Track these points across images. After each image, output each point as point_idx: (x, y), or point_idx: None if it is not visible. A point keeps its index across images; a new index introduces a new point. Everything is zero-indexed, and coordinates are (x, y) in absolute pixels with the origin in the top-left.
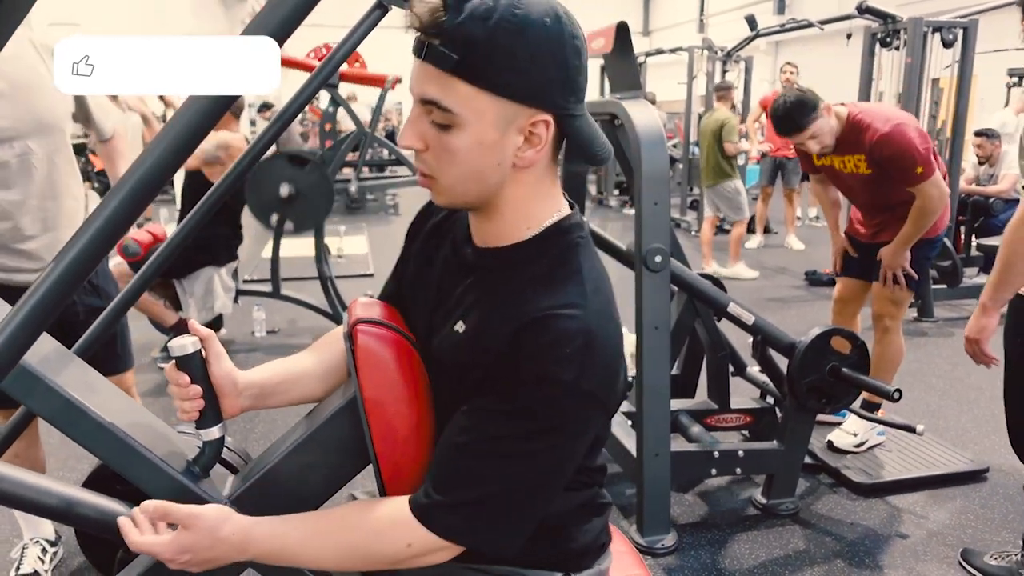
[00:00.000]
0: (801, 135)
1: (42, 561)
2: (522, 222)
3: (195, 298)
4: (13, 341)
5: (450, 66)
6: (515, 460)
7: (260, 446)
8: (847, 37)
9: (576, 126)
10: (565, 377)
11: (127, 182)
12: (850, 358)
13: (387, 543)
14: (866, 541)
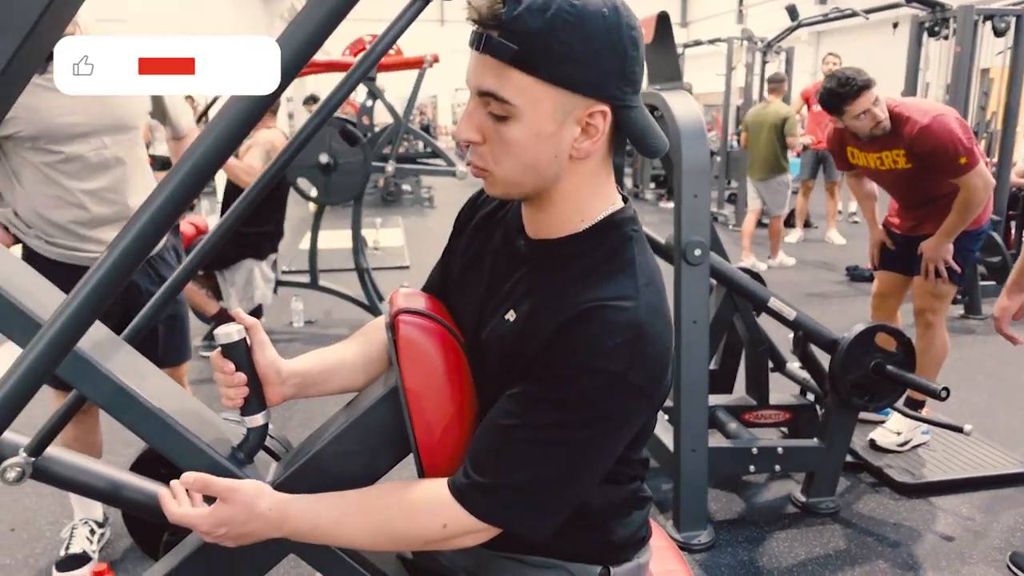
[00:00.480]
0: (856, 104)
1: (90, 541)
2: (575, 214)
3: (236, 288)
4: (68, 328)
5: (508, 56)
6: (557, 448)
7: (298, 434)
8: (893, 26)
9: (632, 118)
10: (612, 368)
11: (177, 175)
12: (895, 355)
13: (422, 523)
14: (910, 542)
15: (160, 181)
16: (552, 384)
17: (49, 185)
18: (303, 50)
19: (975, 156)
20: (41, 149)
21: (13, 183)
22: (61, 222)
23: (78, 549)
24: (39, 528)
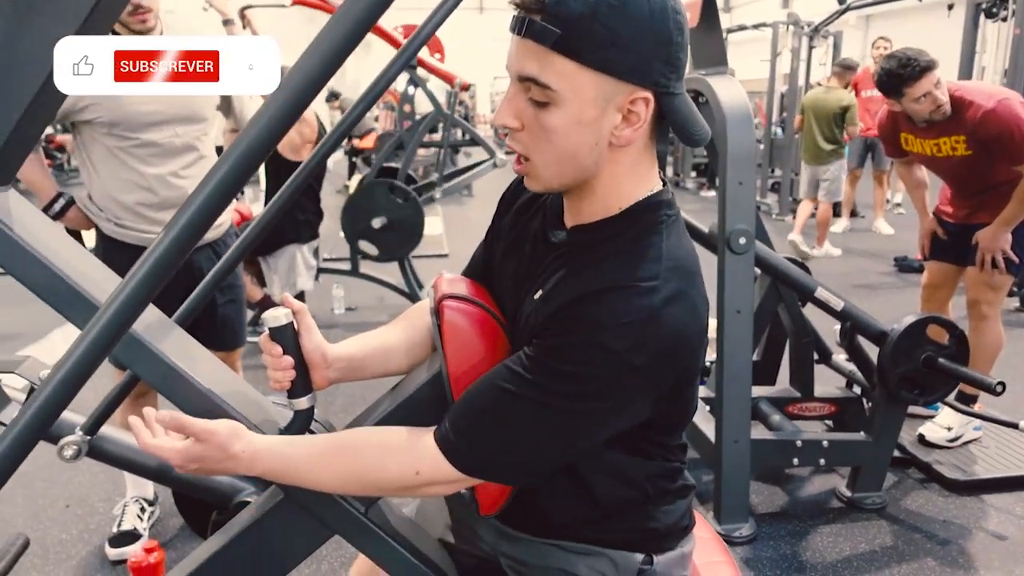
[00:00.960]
0: (917, 86)
1: (140, 519)
2: (614, 202)
3: (279, 275)
4: (124, 311)
5: (551, 41)
6: (548, 416)
7: (341, 418)
8: (948, 8)
9: (675, 105)
10: (615, 347)
11: (227, 161)
12: (948, 348)
13: (395, 469)
14: (960, 540)
15: (211, 168)
16: (554, 354)
17: (122, 168)
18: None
19: None
20: (117, 135)
21: (89, 168)
22: (131, 204)
23: (129, 526)
24: (92, 505)
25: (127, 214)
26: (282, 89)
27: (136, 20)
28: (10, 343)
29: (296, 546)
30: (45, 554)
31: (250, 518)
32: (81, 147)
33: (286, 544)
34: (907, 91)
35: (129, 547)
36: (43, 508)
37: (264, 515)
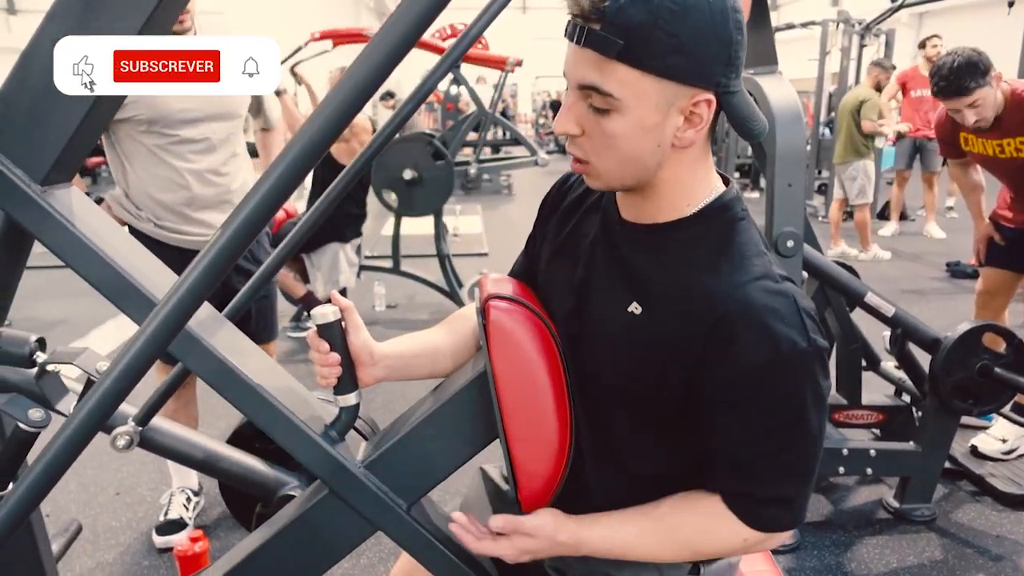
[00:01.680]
0: (962, 100)
1: (186, 509)
2: (681, 200)
3: (322, 271)
4: (180, 307)
5: (614, 52)
6: (797, 442)
7: (380, 415)
8: (1009, 5)
9: (735, 102)
10: (801, 345)
11: (283, 161)
12: (1004, 357)
13: (723, 539)
14: (1014, 556)
15: (267, 167)
16: (755, 392)
17: (159, 166)
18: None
19: None
20: (156, 132)
21: (125, 167)
22: (170, 202)
23: (175, 515)
24: (141, 493)
25: (167, 213)
26: (337, 92)
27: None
28: (67, 334)
29: (339, 542)
30: (96, 539)
31: (294, 512)
32: (116, 146)
33: (329, 539)
34: (952, 102)
35: (175, 535)
36: (94, 495)
37: (308, 510)
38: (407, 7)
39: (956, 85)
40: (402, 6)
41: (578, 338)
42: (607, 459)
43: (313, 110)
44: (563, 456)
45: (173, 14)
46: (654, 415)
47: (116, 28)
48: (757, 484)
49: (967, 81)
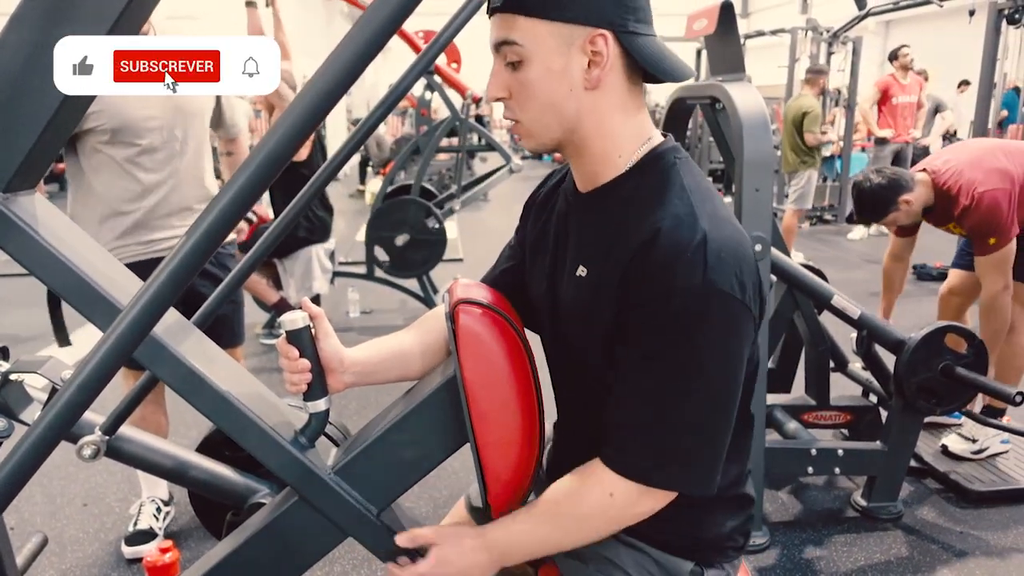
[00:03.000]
0: (882, 221)
1: (156, 519)
2: (611, 151)
3: (295, 278)
4: (146, 312)
5: (502, 1)
6: (676, 385)
7: (354, 421)
8: (969, 14)
9: (639, 43)
10: (693, 281)
11: (251, 164)
12: (966, 357)
13: (589, 502)
14: (977, 552)
15: (234, 173)
16: (648, 327)
17: (124, 178)
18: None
19: (1008, 236)
20: (120, 142)
21: (85, 186)
22: (134, 214)
23: (145, 525)
24: (109, 504)
25: (131, 227)
26: (304, 95)
27: None
28: (32, 343)
29: (309, 548)
30: (62, 551)
31: (264, 519)
32: (77, 163)
33: (299, 546)
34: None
35: (145, 546)
36: (60, 507)
37: (278, 517)
38: (374, 13)
39: (871, 215)
40: (370, 11)
41: (554, 316)
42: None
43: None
44: (532, 459)
45: (143, 15)
46: None
47: (82, 31)
48: (625, 423)
49: (879, 211)
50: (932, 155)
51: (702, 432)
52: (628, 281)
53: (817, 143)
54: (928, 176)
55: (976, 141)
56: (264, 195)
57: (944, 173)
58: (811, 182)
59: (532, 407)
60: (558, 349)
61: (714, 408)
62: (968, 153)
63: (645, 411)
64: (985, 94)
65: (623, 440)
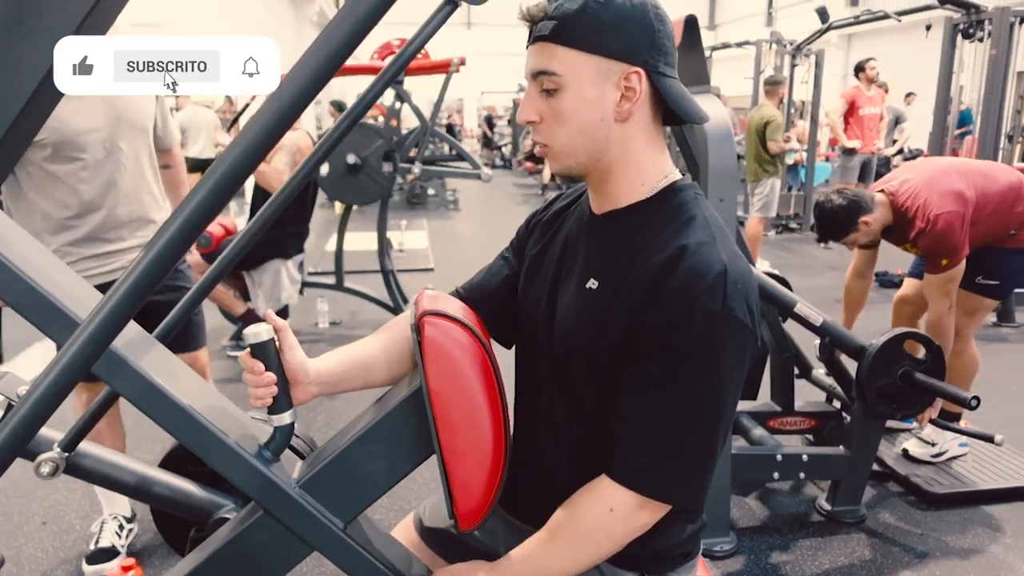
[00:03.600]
0: (843, 241)
1: (119, 536)
2: (635, 179)
3: (263, 289)
4: (105, 325)
5: (549, 31)
6: (685, 403)
7: (323, 433)
8: (926, 29)
9: (667, 84)
10: (713, 307)
11: (211, 177)
12: (924, 362)
13: (591, 517)
14: (938, 554)
15: (195, 185)
16: (662, 346)
17: (68, 194)
18: (335, 55)
19: (958, 257)
20: (62, 157)
21: (28, 201)
22: (82, 228)
23: (107, 543)
24: (69, 522)
25: (82, 242)
26: (268, 106)
27: None
28: None
29: (274, 563)
30: (20, 572)
31: (228, 535)
32: (15, 181)
33: (264, 561)
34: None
35: (106, 564)
36: (19, 525)
37: (242, 532)
38: (335, 29)
39: (831, 235)
40: (329, 29)
41: (550, 326)
42: (585, 441)
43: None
44: (498, 471)
45: (108, 19)
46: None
47: (46, 34)
48: (636, 437)
49: (840, 232)
50: (890, 175)
51: (703, 450)
52: (650, 298)
53: (780, 151)
54: (886, 197)
55: (933, 161)
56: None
57: (902, 194)
58: (774, 190)
59: (499, 418)
60: (543, 362)
61: (716, 429)
62: (925, 173)
63: (659, 428)
64: (942, 106)
65: (634, 453)
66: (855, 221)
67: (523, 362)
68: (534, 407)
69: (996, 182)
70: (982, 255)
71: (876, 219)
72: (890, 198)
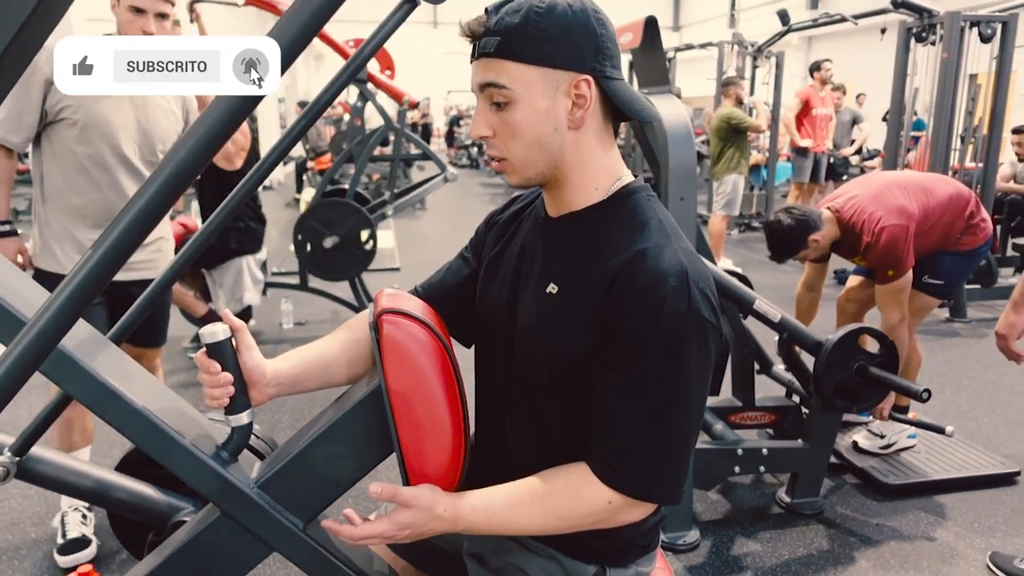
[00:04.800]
0: (796, 257)
1: (85, 525)
2: (589, 183)
3: (224, 289)
4: (51, 326)
5: (493, 47)
6: (659, 404)
7: (286, 434)
8: (881, 32)
9: (615, 87)
10: (679, 308)
11: (160, 174)
12: (878, 357)
13: (589, 502)
14: (892, 542)
15: (145, 182)
16: (640, 350)
17: (84, 179)
18: (294, 45)
19: (904, 268)
20: (87, 140)
21: (48, 183)
22: (91, 213)
23: (76, 534)
24: (24, 529)
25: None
26: (217, 104)
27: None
28: None
29: (233, 564)
30: None
31: (186, 537)
32: (43, 161)
33: (223, 563)
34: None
35: (81, 553)
36: None
37: (199, 534)
38: (290, 17)
39: (783, 254)
40: (286, 15)
41: (510, 332)
42: (542, 447)
43: None
44: (458, 467)
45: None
46: (579, 392)
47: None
48: (619, 442)
49: (790, 251)
50: (835, 192)
51: (678, 449)
52: (614, 303)
53: (758, 128)
54: (832, 214)
55: (874, 177)
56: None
57: (847, 210)
58: (737, 188)
59: (457, 416)
60: (505, 364)
61: (689, 427)
62: (869, 189)
63: (634, 430)
64: (897, 106)
65: (617, 458)
66: (804, 240)
67: (483, 367)
68: (494, 409)
69: (936, 196)
70: (929, 258)
71: (824, 236)
72: (836, 215)
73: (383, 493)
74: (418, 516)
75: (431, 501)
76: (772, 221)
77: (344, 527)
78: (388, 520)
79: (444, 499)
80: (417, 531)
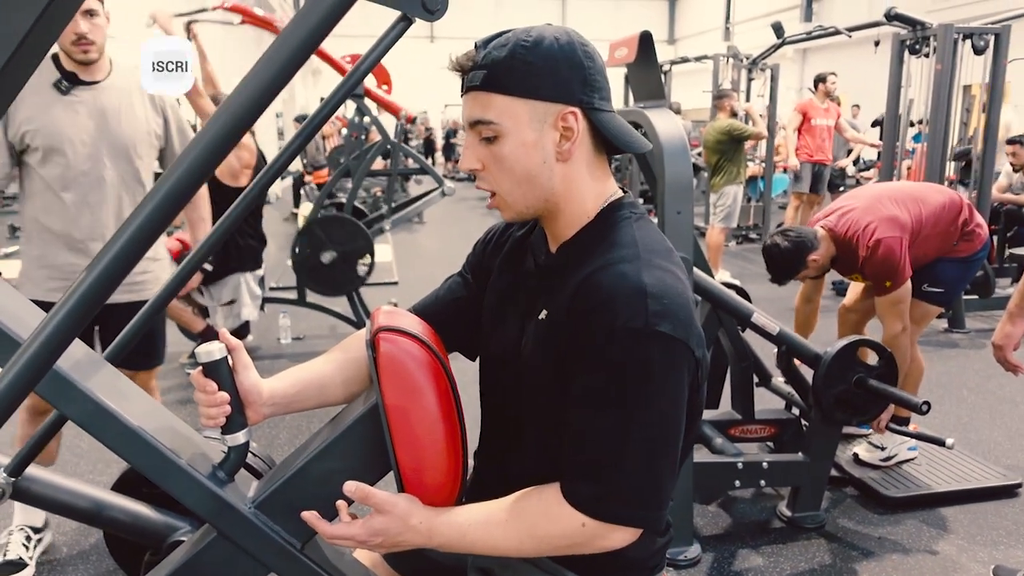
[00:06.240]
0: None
1: (26, 548)
2: (580, 212)
3: (222, 305)
4: (47, 346)
5: (480, 81)
6: (623, 422)
7: (285, 452)
8: (875, 44)
9: (604, 119)
10: (635, 324)
11: (159, 191)
12: (877, 369)
13: (563, 524)
14: (894, 556)
15: (141, 201)
16: (593, 367)
17: (55, 201)
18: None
19: (902, 278)
20: (52, 162)
21: (33, 220)
22: (63, 235)
23: (14, 555)
24: None
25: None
26: (220, 115)
27: (78, 50)
28: None
29: None
30: None
31: (182, 558)
32: (23, 192)
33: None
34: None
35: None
36: None
37: (196, 555)
38: (288, 35)
39: (783, 276)
40: (284, 33)
41: (519, 365)
42: (546, 476)
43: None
44: (455, 486)
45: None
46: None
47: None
48: (586, 461)
49: (791, 273)
50: (827, 208)
51: (649, 468)
52: (572, 319)
53: (758, 135)
54: (827, 232)
55: (865, 190)
56: None
57: (840, 226)
58: (736, 200)
59: (455, 433)
60: (511, 386)
61: (659, 446)
62: (861, 203)
63: (601, 449)
64: (892, 118)
65: (583, 477)
66: (803, 260)
67: (490, 399)
68: (499, 434)
69: (928, 204)
70: (927, 266)
71: (822, 254)
72: (830, 232)
73: (357, 493)
74: (391, 523)
75: (406, 511)
76: (770, 245)
77: (320, 522)
78: (361, 524)
79: (420, 511)
80: (390, 539)
